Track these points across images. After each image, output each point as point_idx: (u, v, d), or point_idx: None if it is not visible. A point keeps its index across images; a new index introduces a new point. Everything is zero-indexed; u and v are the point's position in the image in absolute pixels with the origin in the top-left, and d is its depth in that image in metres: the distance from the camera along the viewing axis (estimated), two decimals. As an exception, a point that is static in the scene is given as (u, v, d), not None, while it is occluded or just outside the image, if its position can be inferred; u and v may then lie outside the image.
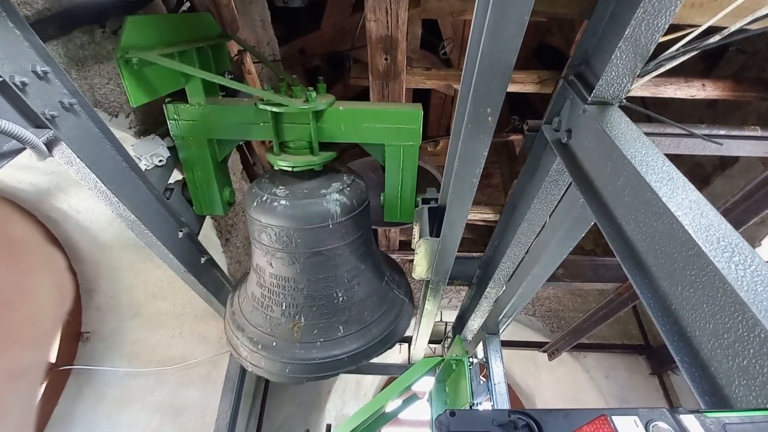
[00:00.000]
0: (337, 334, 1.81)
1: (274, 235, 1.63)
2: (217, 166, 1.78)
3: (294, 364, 1.78)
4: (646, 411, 0.48)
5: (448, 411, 0.48)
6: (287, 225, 1.59)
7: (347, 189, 1.67)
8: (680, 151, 1.34)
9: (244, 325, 1.90)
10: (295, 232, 1.60)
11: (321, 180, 1.69)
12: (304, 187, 1.65)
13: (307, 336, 1.79)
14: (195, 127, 1.64)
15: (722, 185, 3.07)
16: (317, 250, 1.66)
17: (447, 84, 2.42)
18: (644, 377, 4.00)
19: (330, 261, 1.71)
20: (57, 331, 0.42)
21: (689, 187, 0.78)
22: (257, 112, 1.56)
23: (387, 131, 1.60)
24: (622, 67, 0.98)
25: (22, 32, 1.06)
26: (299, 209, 1.59)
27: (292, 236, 1.61)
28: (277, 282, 1.76)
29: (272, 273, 1.75)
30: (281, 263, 1.70)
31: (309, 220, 1.59)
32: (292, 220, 1.59)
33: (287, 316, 1.80)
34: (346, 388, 4.73)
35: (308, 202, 1.60)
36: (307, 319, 1.80)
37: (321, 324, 1.81)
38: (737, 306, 0.59)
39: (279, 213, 1.59)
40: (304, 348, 1.78)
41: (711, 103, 3.12)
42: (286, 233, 1.61)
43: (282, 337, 1.80)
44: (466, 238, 4.53)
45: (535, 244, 1.74)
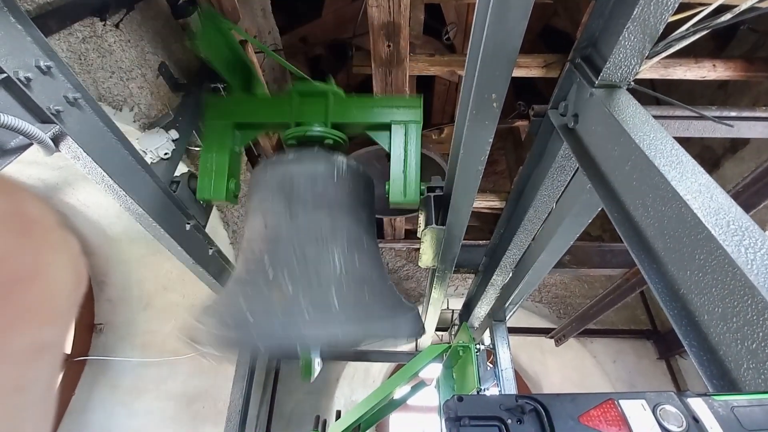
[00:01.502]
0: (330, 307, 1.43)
1: (276, 184, 1.56)
2: (234, 155, 1.87)
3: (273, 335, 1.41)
4: (654, 394, 0.48)
5: (456, 396, 0.48)
6: (293, 169, 1.58)
7: (352, 160, 1.70)
8: (690, 134, 1.32)
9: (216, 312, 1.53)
10: (300, 176, 1.57)
11: (329, 152, 1.73)
12: (313, 152, 1.70)
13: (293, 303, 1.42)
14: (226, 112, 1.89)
15: (732, 168, 3.02)
16: (320, 197, 1.56)
17: (451, 70, 2.39)
18: (652, 362, 4.01)
19: (331, 214, 1.55)
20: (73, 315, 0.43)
21: (699, 170, 0.77)
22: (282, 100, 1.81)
23: (392, 112, 1.82)
24: (630, 48, 0.95)
25: (24, 27, 1.06)
26: (307, 159, 1.64)
27: (297, 181, 1.55)
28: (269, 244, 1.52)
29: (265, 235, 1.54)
30: (278, 217, 1.53)
31: (316, 167, 1.59)
32: (299, 164, 1.60)
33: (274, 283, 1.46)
34: (355, 376, 4.80)
35: (317, 157, 1.65)
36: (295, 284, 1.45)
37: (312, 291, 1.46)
38: (747, 290, 0.59)
39: (286, 161, 1.61)
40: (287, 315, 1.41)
41: (722, 84, 3.05)
42: (290, 178, 1.56)
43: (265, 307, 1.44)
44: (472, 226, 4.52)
45: (541, 230, 1.73)
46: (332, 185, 1.56)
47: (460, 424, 0.46)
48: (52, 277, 0.28)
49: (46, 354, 0.27)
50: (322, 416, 2.80)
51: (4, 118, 0.97)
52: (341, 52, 3.12)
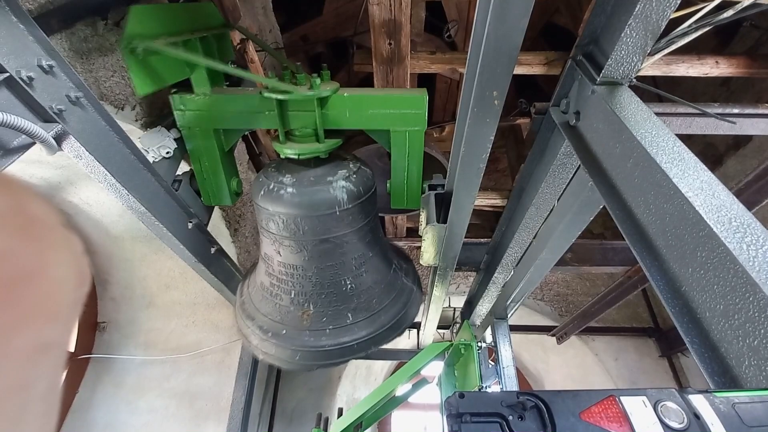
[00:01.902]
0: (346, 321, 1.83)
1: (281, 223, 1.64)
2: (224, 156, 1.79)
3: (304, 351, 1.80)
4: (655, 391, 0.48)
5: (458, 393, 0.48)
6: (294, 212, 1.60)
7: (353, 176, 1.67)
8: (692, 131, 1.31)
9: (254, 313, 1.92)
10: (302, 219, 1.61)
11: (327, 167, 1.69)
12: (310, 175, 1.65)
13: (316, 323, 1.81)
14: (201, 117, 1.64)
15: (735, 165, 3.01)
16: (324, 238, 1.66)
17: (452, 68, 2.38)
18: (653, 359, 4.01)
19: (338, 248, 1.71)
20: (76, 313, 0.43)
21: (701, 167, 0.76)
22: (262, 101, 1.56)
23: (392, 117, 1.58)
24: (632, 45, 0.95)
25: (26, 26, 1.06)
26: (306, 197, 1.59)
27: (300, 224, 1.61)
28: (286, 270, 1.78)
29: (280, 261, 1.77)
30: (289, 251, 1.71)
31: (316, 207, 1.59)
32: (299, 207, 1.59)
33: (296, 304, 1.82)
34: (357, 373, 4.82)
35: (315, 189, 1.60)
36: (316, 306, 1.81)
37: (330, 311, 1.82)
38: (749, 286, 0.59)
39: (286, 201, 1.60)
40: (313, 335, 1.80)
41: (724, 81, 3.04)
42: (294, 221, 1.61)
43: (291, 325, 1.82)
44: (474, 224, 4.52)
45: (543, 228, 1.73)
46: (334, 221, 1.63)
47: (462, 420, 0.46)
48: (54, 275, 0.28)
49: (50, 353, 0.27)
50: (324, 414, 2.81)
51: (7, 117, 0.97)
52: (342, 51, 3.12)
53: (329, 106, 1.56)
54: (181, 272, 3.22)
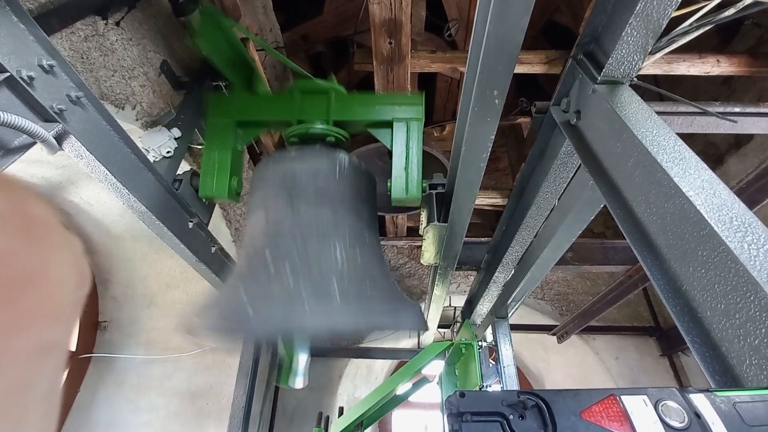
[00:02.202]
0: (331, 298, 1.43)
1: (278, 179, 1.58)
2: (236, 153, 1.88)
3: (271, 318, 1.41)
4: (656, 390, 0.48)
5: (458, 392, 0.48)
6: (295, 165, 1.60)
7: (355, 158, 1.73)
8: (693, 130, 1.31)
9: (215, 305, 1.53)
10: (303, 171, 1.59)
11: (331, 148, 1.74)
12: (314, 149, 1.72)
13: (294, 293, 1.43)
14: (228, 111, 1.88)
15: (736, 164, 3.01)
16: (321, 191, 1.56)
17: (453, 67, 2.38)
18: (654, 359, 4.01)
19: (333, 208, 1.56)
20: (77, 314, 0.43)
21: (702, 166, 0.76)
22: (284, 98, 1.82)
23: (393, 110, 1.81)
24: (633, 44, 0.95)
25: (27, 26, 1.06)
26: (309, 154, 1.66)
27: (299, 175, 1.57)
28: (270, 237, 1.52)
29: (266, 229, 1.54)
30: (280, 211, 1.54)
31: (318, 162, 1.62)
32: (302, 160, 1.62)
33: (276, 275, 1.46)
34: (357, 373, 4.82)
35: (319, 153, 1.68)
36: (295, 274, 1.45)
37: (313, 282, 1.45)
38: (750, 286, 0.59)
39: (288, 157, 1.64)
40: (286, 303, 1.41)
41: (726, 80, 3.03)
42: (293, 173, 1.58)
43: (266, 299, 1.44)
44: (474, 223, 4.52)
45: (543, 227, 1.73)
46: (334, 180, 1.58)
47: (463, 419, 0.46)
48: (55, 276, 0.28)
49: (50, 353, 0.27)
50: (325, 413, 2.82)
51: (8, 117, 0.97)
52: (342, 50, 3.12)
53: (340, 100, 1.80)
54: (182, 271, 3.22)
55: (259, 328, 1.40)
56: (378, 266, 1.65)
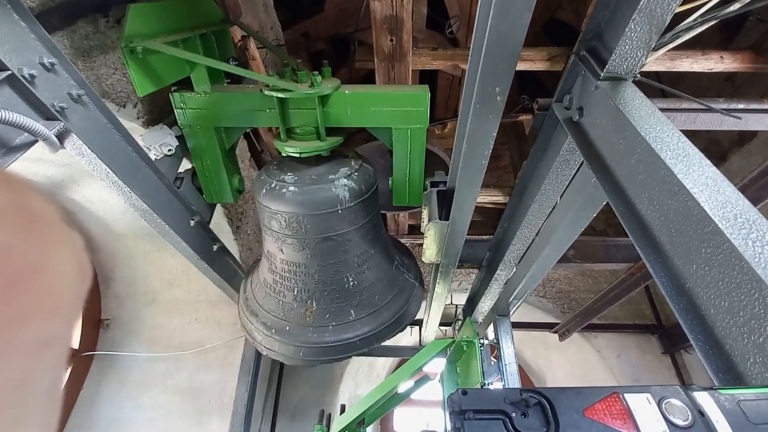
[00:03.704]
0: (349, 318, 1.84)
1: (283, 222, 1.64)
2: (225, 154, 1.79)
3: (307, 347, 1.81)
4: (659, 388, 0.48)
5: (460, 390, 0.48)
6: (296, 211, 1.60)
7: (355, 174, 1.67)
8: (696, 127, 1.30)
9: (258, 310, 1.93)
10: (305, 218, 1.61)
11: (329, 165, 1.69)
12: (312, 173, 1.65)
13: (319, 320, 1.82)
14: (202, 116, 1.64)
15: (739, 161, 2.99)
16: (327, 236, 1.67)
17: (454, 64, 2.37)
18: (656, 356, 4.00)
19: (340, 246, 1.72)
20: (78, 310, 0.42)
21: (705, 163, 0.76)
22: (263, 99, 1.56)
23: (394, 114, 1.58)
24: (636, 40, 0.94)
25: (28, 24, 1.06)
26: (308, 195, 1.59)
27: (302, 222, 1.62)
28: (288, 267, 1.78)
29: (283, 259, 1.77)
30: (291, 249, 1.72)
31: (318, 205, 1.60)
32: (301, 206, 1.59)
33: (299, 300, 1.83)
34: (359, 371, 4.83)
35: (317, 188, 1.60)
36: (318, 303, 1.82)
37: (332, 308, 1.83)
38: (754, 283, 0.58)
39: (288, 199, 1.60)
40: (316, 332, 1.81)
41: (729, 77, 3.01)
42: (296, 219, 1.62)
43: (295, 322, 1.83)
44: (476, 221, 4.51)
45: (545, 225, 1.73)
46: (336, 219, 1.64)
47: (465, 417, 0.46)
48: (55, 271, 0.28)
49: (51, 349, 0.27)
50: (326, 410, 2.82)
51: (9, 115, 0.97)
52: (344, 47, 3.11)
53: (330, 104, 1.56)
54: (183, 270, 3.23)
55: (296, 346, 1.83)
56: (383, 268, 1.86)
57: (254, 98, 1.58)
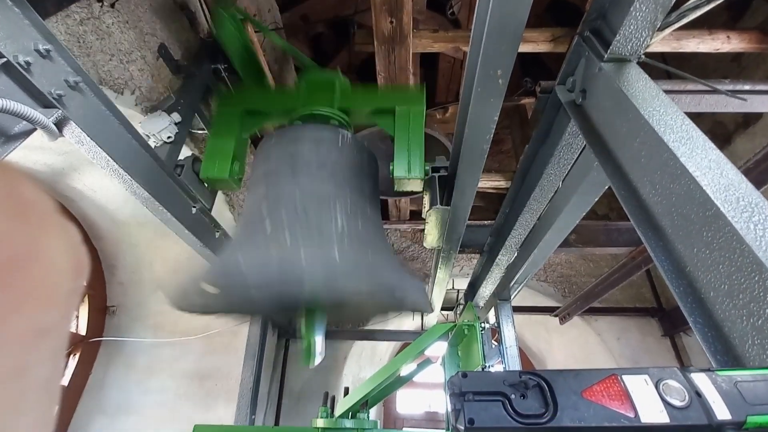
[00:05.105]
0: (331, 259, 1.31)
1: (281, 150, 1.59)
2: (240, 141, 1.90)
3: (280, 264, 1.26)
4: (657, 370, 0.48)
5: (461, 372, 0.49)
6: (298, 135, 1.62)
7: (357, 137, 1.76)
8: (701, 109, 1.28)
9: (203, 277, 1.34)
10: (305, 141, 1.61)
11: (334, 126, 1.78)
12: (318, 124, 1.76)
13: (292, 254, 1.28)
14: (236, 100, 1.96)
15: (744, 144, 2.96)
16: (324, 162, 1.55)
17: (455, 46, 2.33)
18: (656, 339, 4.04)
19: (335, 179, 1.51)
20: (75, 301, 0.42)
21: (709, 146, 0.75)
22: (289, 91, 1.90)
23: (396, 98, 1.86)
24: (641, 19, 0.92)
25: (21, 9, 1.04)
26: (312, 127, 1.71)
27: (302, 146, 1.59)
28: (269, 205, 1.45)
29: (266, 197, 1.48)
30: (281, 179, 1.50)
31: (321, 134, 1.65)
32: (305, 131, 1.65)
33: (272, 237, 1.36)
34: (362, 354, 4.90)
35: (322, 127, 1.72)
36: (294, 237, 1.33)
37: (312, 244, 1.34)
38: (755, 266, 0.58)
39: (292, 130, 1.67)
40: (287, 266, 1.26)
41: (735, 57, 2.95)
42: (295, 143, 1.60)
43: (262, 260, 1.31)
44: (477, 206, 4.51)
45: (547, 210, 1.72)
46: (336, 151, 1.59)
47: (465, 399, 0.47)
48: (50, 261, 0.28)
49: (47, 339, 0.27)
50: (330, 393, 2.88)
51: (7, 103, 0.97)
52: (343, 30, 3.05)
53: (344, 92, 1.86)
54: (187, 257, 3.25)
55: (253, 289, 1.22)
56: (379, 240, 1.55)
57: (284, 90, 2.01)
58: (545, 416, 0.45)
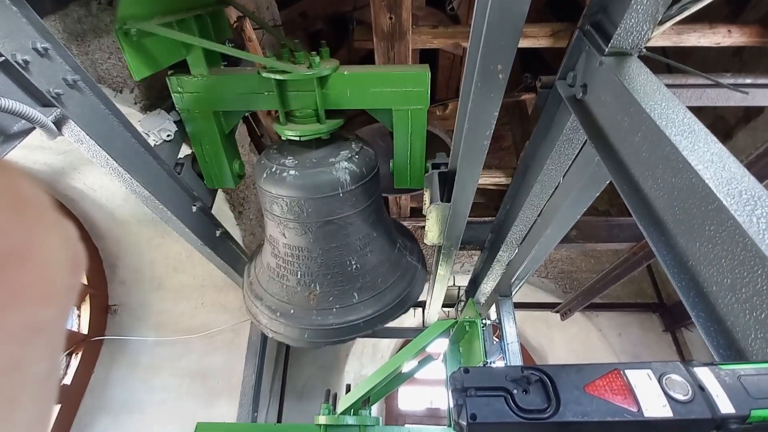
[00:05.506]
0: (352, 300, 1.86)
1: (285, 206, 1.64)
2: (225, 138, 1.77)
3: (312, 329, 1.85)
4: (660, 364, 0.48)
5: (463, 368, 0.49)
6: (297, 195, 1.60)
7: (356, 157, 1.66)
8: (703, 103, 1.28)
9: (262, 294, 1.96)
10: (306, 202, 1.61)
11: (329, 148, 1.67)
12: (312, 157, 1.64)
13: (323, 303, 1.85)
14: (200, 100, 1.61)
15: (745, 138, 2.95)
16: (329, 219, 1.67)
17: (455, 42, 2.32)
18: (657, 334, 4.05)
19: (342, 229, 1.73)
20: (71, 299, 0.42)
21: (711, 139, 0.74)
22: (261, 81, 1.52)
23: (394, 95, 1.55)
24: (642, 12, 0.91)
25: (19, 8, 1.04)
26: (309, 179, 1.58)
27: (303, 206, 1.62)
28: (291, 252, 1.79)
29: (285, 243, 1.78)
30: (294, 233, 1.72)
31: (319, 189, 1.59)
32: (302, 190, 1.59)
33: (303, 284, 1.85)
34: (364, 351, 4.91)
35: (317, 171, 1.59)
36: (322, 286, 1.85)
37: (336, 291, 1.85)
38: (758, 260, 0.58)
39: (289, 183, 1.59)
40: (320, 315, 1.84)
41: (737, 51, 2.93)
42: (297, 203, 1.62)
43: (299, 305, 1.86)
44: (478, 203, 4.50)
45: (547, 206, 1.72)
46: (338, 202, 1.63)
47: (467, 394, 0.47)
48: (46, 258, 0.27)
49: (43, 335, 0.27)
50: (332, 390, 2.89)
51: (5, 102, 0.96)
52: (342, 27, 3.04)
53: (329, 85, 1.52)
54: (188, 255, 3.26)
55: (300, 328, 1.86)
56: (385, 251, 1.87)
57: (252, 81, 1.55)
58: (548, 411, 0.45)
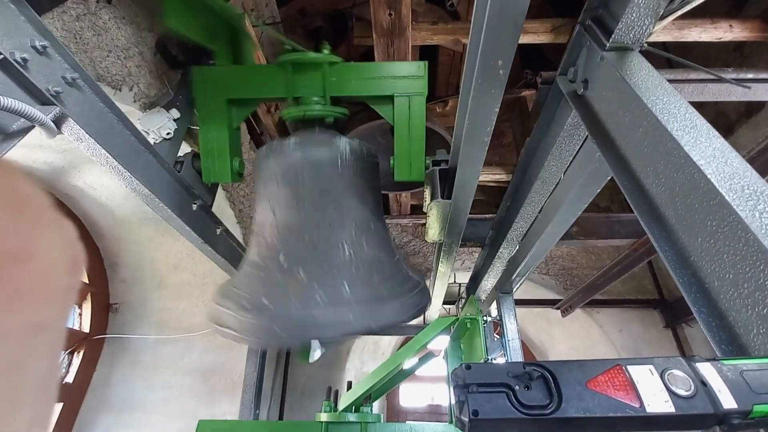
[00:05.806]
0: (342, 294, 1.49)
1: (281, 176, 1.61)
2: (232, 132, 1.83)
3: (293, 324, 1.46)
4: (662, 360, 0.48)
5: (464, 365, 0.49)
6: (296, 161, 1.60)
7: (357, 142, 1.72)
8: (704, 98, 1.27)
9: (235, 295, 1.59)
10: (304, 167, 1.59)
11: (332, 133, 1.72)
12: (315, 136, 1.70)
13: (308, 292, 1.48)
14: (218, 87, 1.78)
15: (747, 133, 2.94)
16: (325, 188, 1.60)
17: (455, 39, 2.31)
18: (658, 330, 4.05)
19: (336, 203, 1.60)
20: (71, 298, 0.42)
21: (713, 134, 0.74)
22: (273, 70, 1.73)
23: (395, 83, 1.74)
24: (644, 6, 0.91)
25: (17, 6, 1.03)
26: (309, 147, 1.64)
27: (300, 173, 1.59)
28: (279, 232, 1.59)
29: (274, 223, 1.60)
30: (285, 208, 1.60)
31: (319, 156, 1.61)
32: (302, 155, 1.61)
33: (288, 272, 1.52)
34: (365, 348, 4.92)
35: (319, 143, 1.65)
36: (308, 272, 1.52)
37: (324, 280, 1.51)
38: (760, 255, 0.58)
39: (289, 151, 1.62)
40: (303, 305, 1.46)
41: (738, 47, 2.92)
42: (294, 170, 1.59)
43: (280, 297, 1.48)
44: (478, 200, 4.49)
45: (548, 202, 1.71)
46: (336, 173, 1.60)
47: (469, 390, 0.47)
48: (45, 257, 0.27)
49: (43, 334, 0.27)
50: (333, 387, 2.89)
51: (4, 100, 0.96)
52: (341, 24, 3.03)
53: (335, 72, 1.71)
54: (188, 254, 3.26)
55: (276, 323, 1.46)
56: (384, 251, 1.72)
57: (265, 70, 1.78)
58: (550, 407, 0.45)
